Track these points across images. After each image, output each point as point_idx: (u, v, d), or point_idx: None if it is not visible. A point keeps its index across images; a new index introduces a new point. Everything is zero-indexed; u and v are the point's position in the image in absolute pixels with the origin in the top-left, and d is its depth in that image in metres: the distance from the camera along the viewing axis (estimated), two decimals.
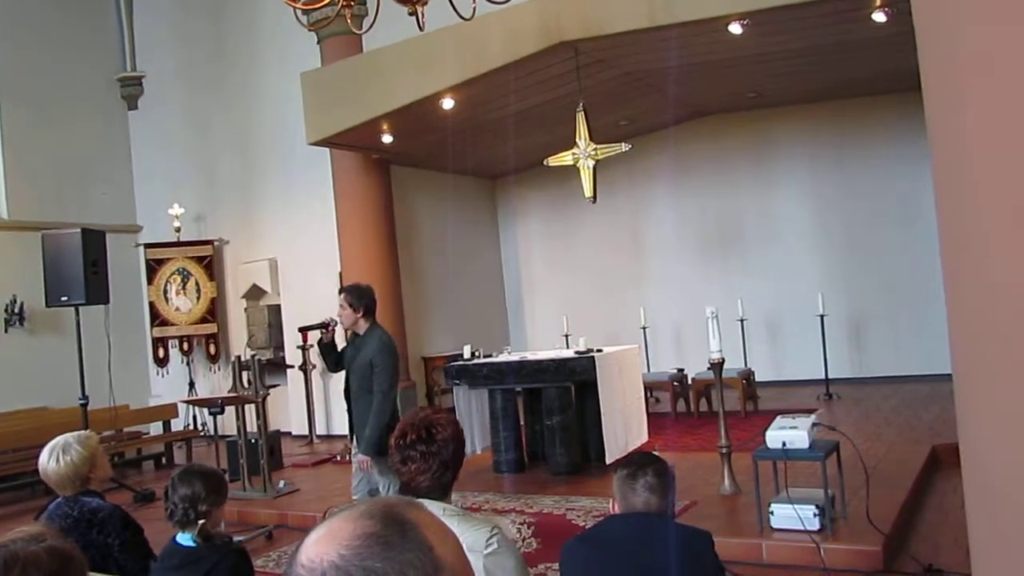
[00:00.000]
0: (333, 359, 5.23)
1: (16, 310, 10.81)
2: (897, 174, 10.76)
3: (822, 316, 9.59)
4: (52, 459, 3.16)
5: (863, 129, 11.00)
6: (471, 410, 7.60)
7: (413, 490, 2.26)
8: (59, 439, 3.23)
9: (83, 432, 3.35)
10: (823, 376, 9.81)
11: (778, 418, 5.03)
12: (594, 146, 7.80)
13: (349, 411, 5.18)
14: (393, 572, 0.84)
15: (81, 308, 7.52)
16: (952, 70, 1.51)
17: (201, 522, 2.73)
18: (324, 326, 5.23)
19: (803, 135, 11.40)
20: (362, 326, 5.02)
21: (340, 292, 5.14)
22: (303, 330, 5.28)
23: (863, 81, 9.99)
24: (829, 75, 9.66)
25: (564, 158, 7.96)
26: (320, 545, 0.87)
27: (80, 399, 7.55)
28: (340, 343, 5.43)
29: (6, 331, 10.80)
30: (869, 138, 10.98)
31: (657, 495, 2.46)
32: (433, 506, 2.22)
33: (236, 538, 4.80)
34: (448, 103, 8.65)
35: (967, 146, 1.47)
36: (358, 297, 5.03)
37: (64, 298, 7.39)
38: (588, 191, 7.93)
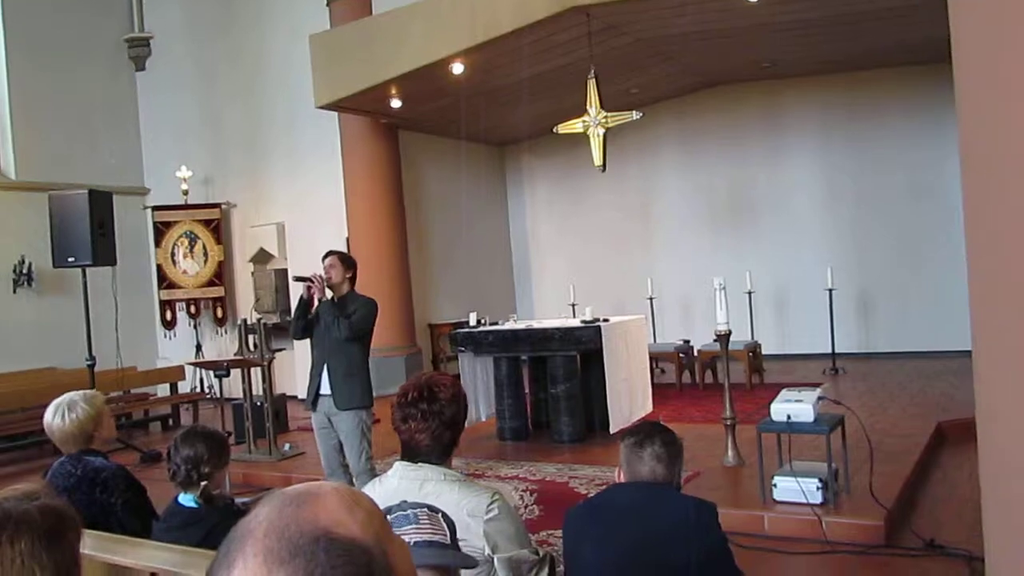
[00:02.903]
0: (302, 325, 5.21)
1: (24, 271, 10.85)
2: (910, 147, 10.64)
3: (830, 290, 9.54)
4: (58, 416, 3.16)
5: (877, 101, 10.85)
6: (476, 377, 7.60)
7: (412, 449, 2.25)
8: (65, 397, 3.24)
9: (89, 391, 3.35)
10: (830, 350, 9.78)
11: (783, 391, 5.01)
12: (604, 114, 7.71)
13: (314, 375, 5.20)
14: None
15: (88, 269, 7.52)
16: (989, 40, 1.45)
17: (203, 483, 2.73)
18: (310, 280, 5.12)
19: (816, 106, 11.26)
20: (345, 288, 5.15)
21: (327, 255, 5.18)
22: (297, 279, 5.25)
23: (878, 52, 9.83)
24: (844, 46, 9.50)
25: (574, 125, 7.88)
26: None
27: (87, 360, 7.58)
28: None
29: (14, 292, 10.84)
30: (882, 110, 10.84)
31: (663, 464, 2.43)
32: (433, 470, 2.22)
33: (241, 500, 4.84)
34: (458, 68, 8.55)
35: (1001, 120, 1.42)
36: (347, 261, 5.21)
37: (71, 259, 7.39)
38: (598, 159, 7.85)
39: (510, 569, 2.16)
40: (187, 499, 2.76)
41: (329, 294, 5.13)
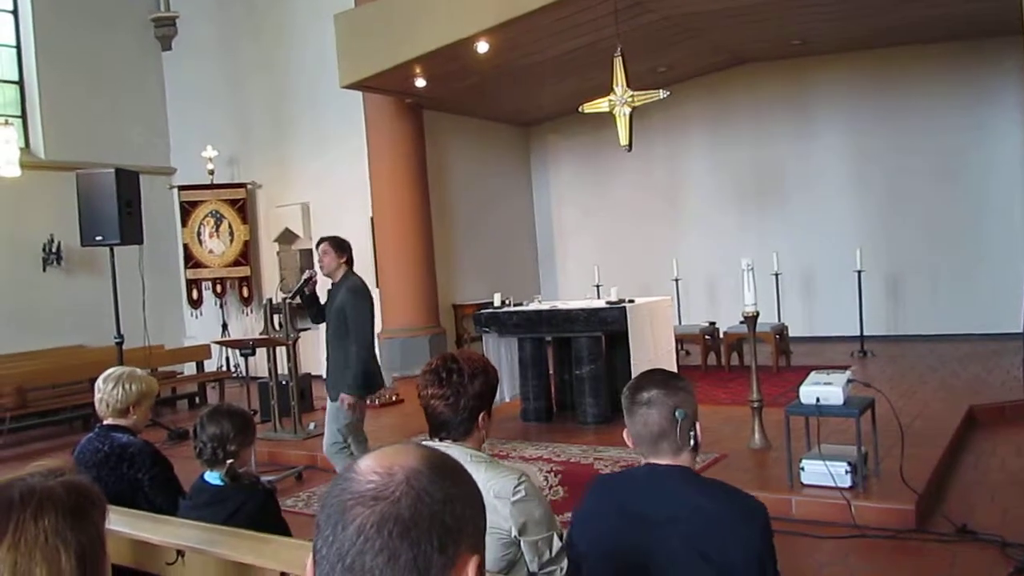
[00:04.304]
0: (315, 311, 5.41)
1: (54, 249, 10.96)
2: (941, 127, 10.42)
3: (859, 272, 9.39)
4: (110, 381, 3.23)
5: (907, 79, 10.62)
6: (500, 358, 7.58)
7: (433, 419, 2.23)
8: (127, 368, 3.35)
9: (149, 376, 3.44)
10: (858, 333, 9.65)
11: (812, 373, 4.94)
12: (631, 93, 7.60)
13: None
14: (466, 497, 0.89)
15: (116, 249, 7.56)
16: None
17: (229, 462, 2.73)
18: (307, 281, 5.38)
19: (844, 84, 11.06)
20: (340, 273, 5.20)
21: (320, 243, 5.24)
22: (291, 298, 5.43)
23: (910, 29, 9.61)
24: (875, 22, 9.30)
25: (600, 104, 7.78)
26: (394, 457, 0.88)
27: (116, 338, 7.64)
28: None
29: (44, 270, 10.97)
30: (913, 89, 10.61)
31: (656, 409, 1.98)
32: (460, 451, 2.19)
33: (267, 478, 4.86)
34: (483, 47, 8.48)
35: None
36: (340, 246, 5.21)
37: (99, 237, 7.42)
38: (624, 139, 7.76)
39: (536, 552, 2.14)
40: (213, 477, 2.76)
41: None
